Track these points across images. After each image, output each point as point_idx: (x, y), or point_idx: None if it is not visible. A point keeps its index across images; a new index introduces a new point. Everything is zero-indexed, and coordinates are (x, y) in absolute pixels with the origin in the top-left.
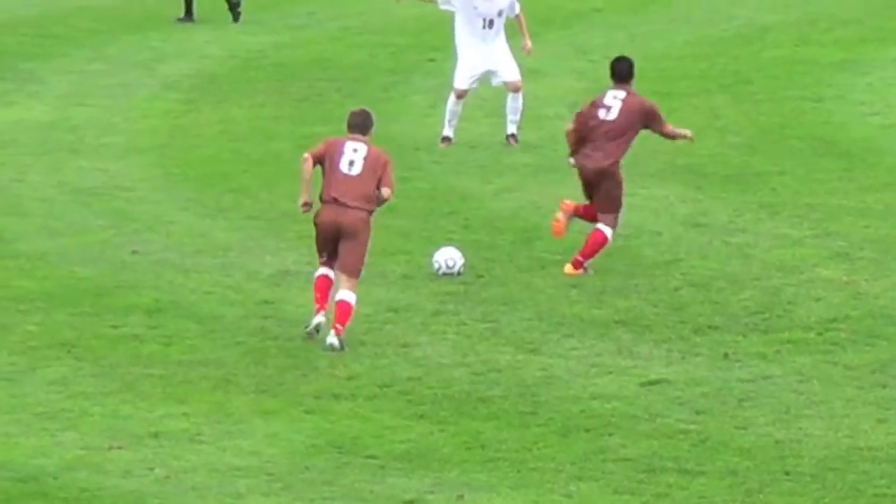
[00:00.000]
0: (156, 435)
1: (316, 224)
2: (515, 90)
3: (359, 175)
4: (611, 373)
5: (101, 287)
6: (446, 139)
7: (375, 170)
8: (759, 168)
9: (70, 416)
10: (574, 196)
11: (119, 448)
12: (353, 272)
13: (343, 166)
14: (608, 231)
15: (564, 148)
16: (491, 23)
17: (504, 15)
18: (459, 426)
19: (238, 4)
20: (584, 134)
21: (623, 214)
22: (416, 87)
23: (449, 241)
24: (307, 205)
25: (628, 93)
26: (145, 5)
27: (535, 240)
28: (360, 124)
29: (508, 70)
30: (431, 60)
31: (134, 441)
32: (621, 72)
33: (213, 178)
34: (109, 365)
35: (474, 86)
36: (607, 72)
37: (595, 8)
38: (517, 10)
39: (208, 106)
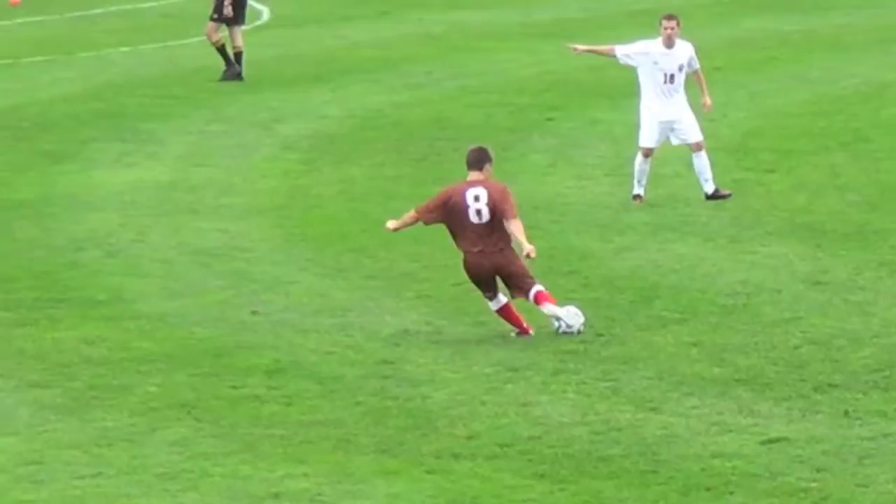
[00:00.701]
0: (276, 496)
1: (467, 272)
2: (698, 149)
3: (489, 221)
4: (731, 431)
5: (220, 347)
6: (637, 197)
7: (500, 209)
8: (879, 226)
9: (190, 476)
10: (697, 255)
11: None
12: (528, 286)
13: (472, 218)
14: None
15: (684, 206)
16: (672, 77)
17: (684, 70)
18: (580, 485)
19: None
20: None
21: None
22: (534, 146)
23: (569, 300)
24: (394, 230)
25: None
26: (264, 66)
27: (654, 298)
28: (476, 160)
29: (691, 129)
30: (550, 119)
31: (254, 502)
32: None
33: (333, 238)
34: (229, 425)
35: (659, 143)
36: (727, 130)
37: (715, 66)
38: (696, 65)
39: (327, 166)
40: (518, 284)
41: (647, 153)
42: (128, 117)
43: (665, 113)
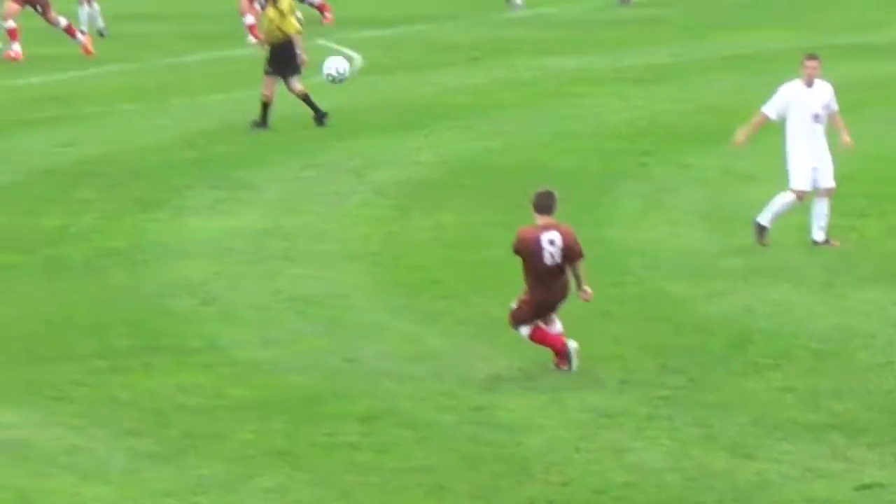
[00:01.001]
0: None
1: (532, 304)
2: (827, 195)
3: (560, 264)
4: (825, 477)
5: (315, 394)
6: (763, 229)
7: (573, 251)
8: None
9: None
10: (789, 300)
11: None
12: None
13: (547, 260)
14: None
15: (774, 251)
16: (817, 117)
17: (826, 110)
18: None
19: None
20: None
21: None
22: (627, 191)
23: (662, 346)
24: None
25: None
26: (356, 113)
27: (747, 344)
28: (547, 205)
29: (828, 174)
30: (642, 165)
31: None
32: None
33: (425, 285)
34: (325, 473)
35: (813, 186)
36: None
37: None
38: (835, 106)
39: (419, 212)
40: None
41: (801, 196)
42: (222, 164)
43: (813, 154)
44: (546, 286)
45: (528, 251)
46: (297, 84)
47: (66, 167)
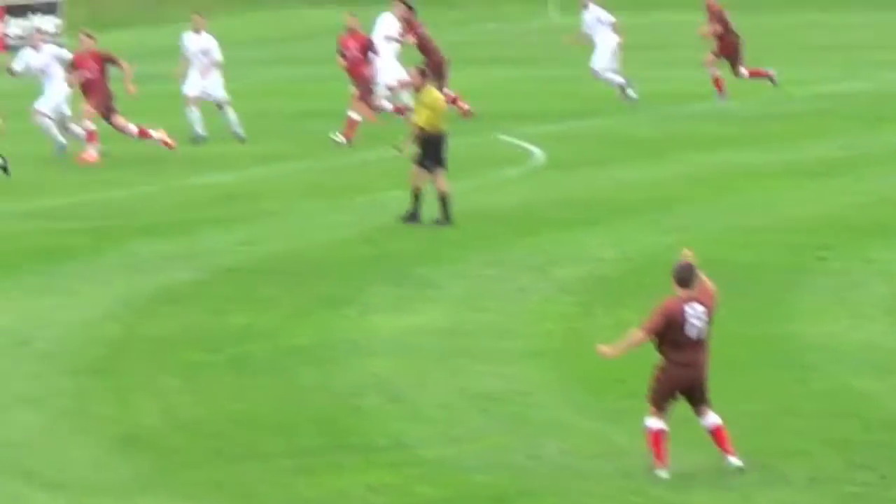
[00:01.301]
0: None
1: (666, 381)
2: None
3: (704, 336)
4: None
5: (501, 493)
6: None
7: (712, 315)
8: None
9: None
10: None
11: None
12: (708, 400)
13: (691, 333)
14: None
15: None
16: None
17: None
18: None
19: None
20: None
21: None
22: (808, 285)
23: (849, 442)
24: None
25: None
26: (537, 209)
27: None
28: (689, 279)
29: None
30: (822, 259)
31: None
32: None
33: (610, 383)
34: None
35: None
36: None
37: None
38: None
39: (602, 309)
40: (704, 400)
41: None
42: (404, 262)
43: None
44: (686, 360)
45: (675, 322)
46: (444, 181)
47: (249, 265)
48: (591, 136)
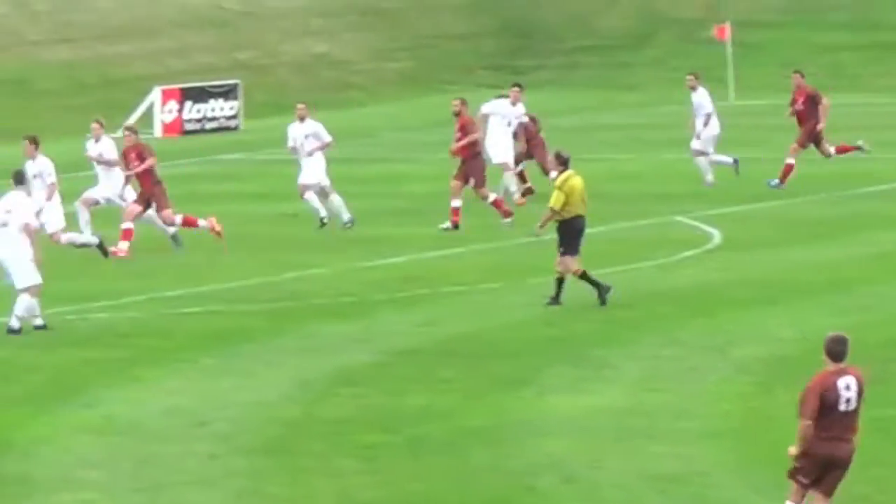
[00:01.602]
0: None
1: (811, 456)
2: None
3: (854, 410)
4: None
5: None
6: None
7: (863, 391)
8: None
9: None
10: None
11: None
12: (832, 493)
13: (841, 406)
14: None
15: None
16: None
17: None
18: None
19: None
20: None
21: None
22: None
23: None
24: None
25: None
26: (713, 289)
27: None
28: (842, 352)
29: None
30: None
31: None
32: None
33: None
34: None
35: None
36: None
37: None
38: None
39: (782, 389)
40: (829, 489)
41: None
42: (580, 343)
43: None
44: (835, 437)
45: (828, 399)
46: (574, 262)
47: (427, 346)
48: (766, 218)
